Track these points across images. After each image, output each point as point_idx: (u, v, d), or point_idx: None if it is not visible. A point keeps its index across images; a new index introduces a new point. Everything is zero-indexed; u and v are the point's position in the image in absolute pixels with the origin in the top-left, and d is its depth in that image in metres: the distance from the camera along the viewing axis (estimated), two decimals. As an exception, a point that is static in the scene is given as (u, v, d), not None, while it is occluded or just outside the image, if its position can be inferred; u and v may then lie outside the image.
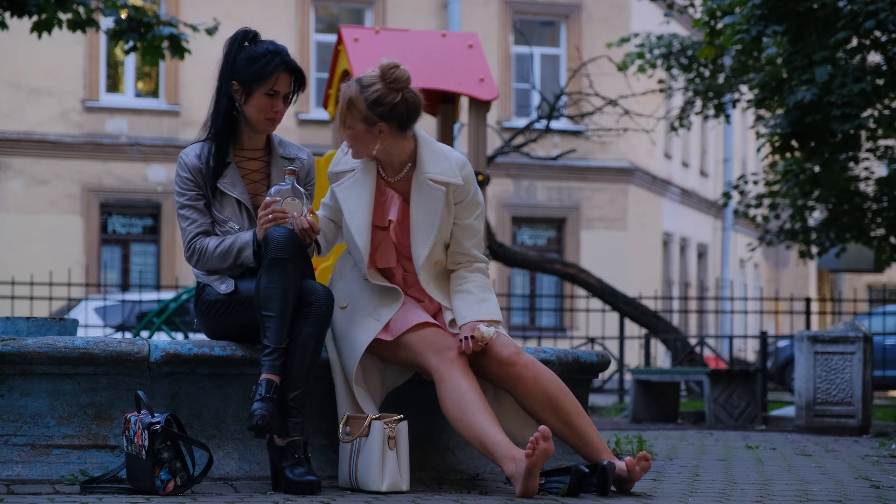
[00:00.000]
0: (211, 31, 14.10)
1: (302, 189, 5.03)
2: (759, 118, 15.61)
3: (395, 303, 5.08)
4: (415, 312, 5.08)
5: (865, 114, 13.87)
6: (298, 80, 5.13)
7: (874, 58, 15.55)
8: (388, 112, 5.03)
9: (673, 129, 18.98)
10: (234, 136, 5.18)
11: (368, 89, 5.04)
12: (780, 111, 14.38)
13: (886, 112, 14.21)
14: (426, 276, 5.13)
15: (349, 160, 5.14)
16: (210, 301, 5.12)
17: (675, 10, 18.34)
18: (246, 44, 5.13)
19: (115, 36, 13.74)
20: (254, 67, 5.07)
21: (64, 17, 13.37)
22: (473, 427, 4.85)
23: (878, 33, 12.92)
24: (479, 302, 5.11)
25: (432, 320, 5.08)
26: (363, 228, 5.08)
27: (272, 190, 5.00)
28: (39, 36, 13.12)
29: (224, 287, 5.08)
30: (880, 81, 13.23)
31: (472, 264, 5.21)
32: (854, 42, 13.07)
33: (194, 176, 5.11)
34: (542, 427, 4.68)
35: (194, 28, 13.99)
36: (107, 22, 15.91)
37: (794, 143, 13.69)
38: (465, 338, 4.98)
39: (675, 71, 18.77)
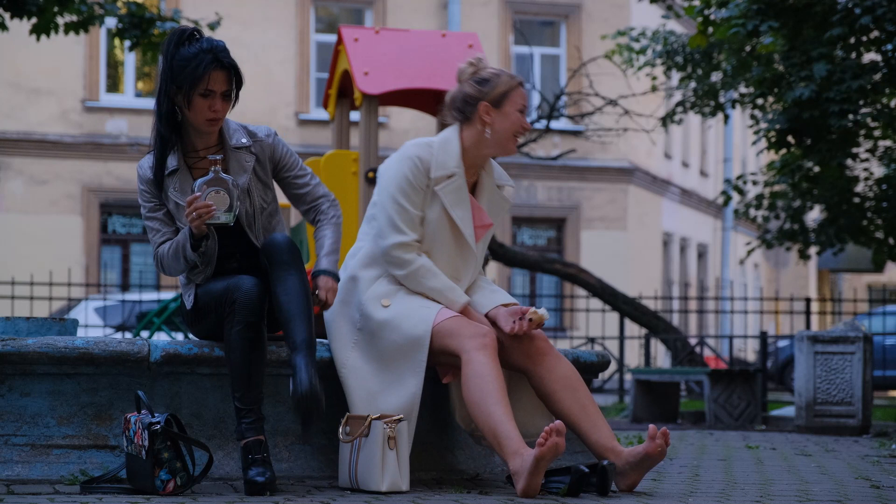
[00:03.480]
0: (213, 26, 14.10)
1: (228, 177, 4.91)
2: (753, 117, 15.57)
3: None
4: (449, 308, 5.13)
5: (864, 111, 13.87)
6: (235, 76, 5.00)
7: (873, 56, 15.55)
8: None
9: (663, 125, 18.91)
10: (182, 140, 5.07)
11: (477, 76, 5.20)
12: (777, 107, 14.37)
13: (885, 110, 14.21)
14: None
15: (448, 165, 5.10)
16: (187, 310, 5.15)
17: (673, 11, 18.32)
18: (183, 44, 4.99)
19: (117, 33, 13.74)
20: (187, 69, 4.94)
21: (62, 20, 13.37)
22: (491, 415, 4.85)
23: (876, 33, 12.90)
24: (492, 292, 5.23)
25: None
26: (471, 234, 5.16)
27: (195, 184, 4.90)
28: (38, 38, 13.12)
29: (189, 301, 5.08)
30: (877, 77, 13.22)
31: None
32: (851, 39, 13.06)
33: (149, 188, 5.05)
34: (557, 422, 4.69)
35: (196, 24, 14.00)
36: (108, 21, 15.89)
37: (790, 138, 13.68)
38: (520, 318, 5.03)
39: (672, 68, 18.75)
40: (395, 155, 5.15)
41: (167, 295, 17.16)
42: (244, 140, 5.09)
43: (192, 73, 4.92)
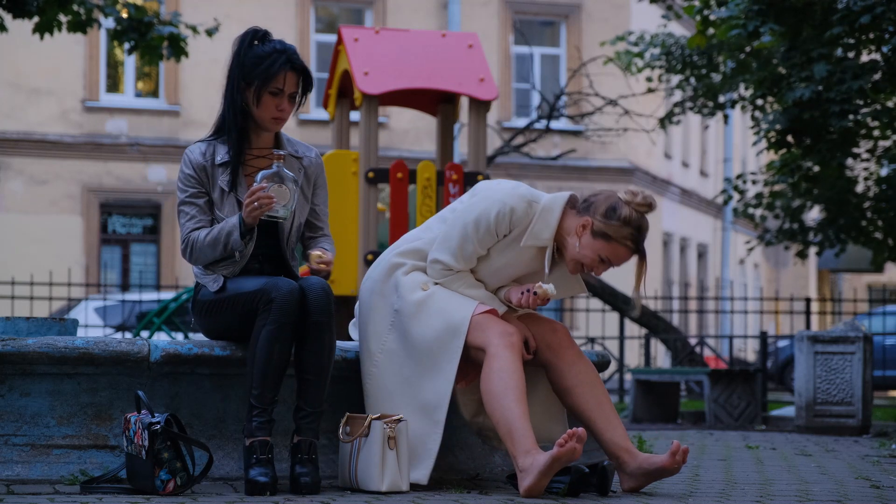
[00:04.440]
0: (211, 32, 14.07)
1: (290, 173, 5.00)
2: (754, 118, 15.56)
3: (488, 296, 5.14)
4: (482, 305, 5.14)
5: (864, 111, 13.87)
6: (305, 79, 5.11)
7: (873, 56, 15.55)
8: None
9: (662, 126, 18.90)
10: (243, 136, 5.16)
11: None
12: (777, 107, 14.36)
13: (886, 109, 14.21)
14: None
15: (542, 237, 5.03)
16: (204, 301, 5.13)
17: (673, 11, 18.31)
18: (256, 43, 5.11)
19: (115, 35, 13.75)
20: (260, 67, 5.05)
21: (64, 19, 13.37)
22: (510, 410, 4.85)
23: (874, 34, 12.90)
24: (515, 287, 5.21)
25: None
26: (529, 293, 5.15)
27: (258, 175, 4.97)
28: (42, 37, 13.12)
29: (214, 286, 5.07)
30: (877, 76, 13.22)
31: None
32: (851, 39, 13.07)
33: (197, 173, 5.09)
34: (580, 429, 4.69)
35: (194, 29, 13.97)
36: (107, 21, 15.91)
37: (790, 138, 13.68)
38: (527, 290, 5.03)
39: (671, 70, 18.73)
40: (502, 187, 5.06)
41: (167, 295, 17.15)
42: (297, 152, 5.21)
43: (266, 71, 5.03)
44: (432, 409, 5.00)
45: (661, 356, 24.26)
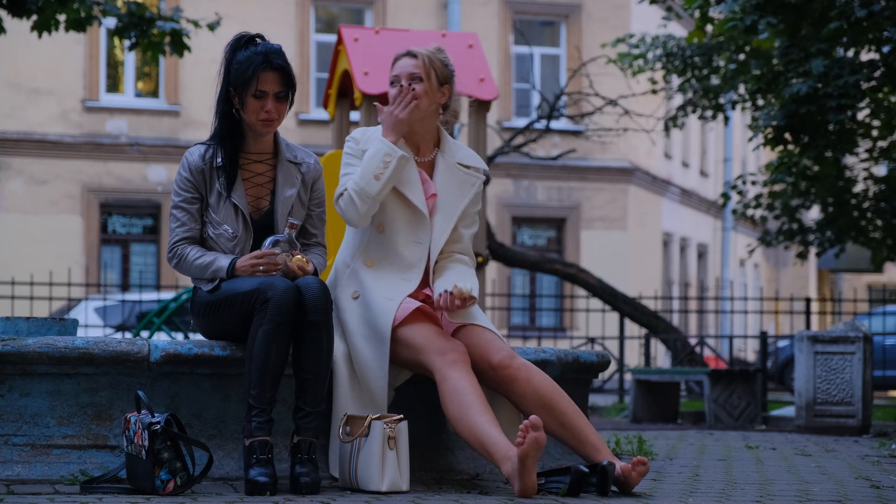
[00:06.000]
0: (213, 27, 14.06)
1: (298, 243, 5.09)
2: (754, 118, 15.56)
3: (411, 283, 5.14)
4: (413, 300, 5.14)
5: (861, 105, 13.87)
6: (286, 77, 5.10)
7: (872, 55, 15.57)
8: (452, 78, 5.27)
9: (665, 129, 18.91)
10: (239, 141, 5.17)
11: (443, 53, 5.27)
12: (775, 103, 14.37)
13: (885, 104, 14.20)
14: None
15: (379, 135, 5.18)
16: (201, 302, 5.15)
17: (673, 11, 18.31)
18: (242, 48, 5.13)
19: (116, 32, 13.74)
20: (239, 71, 5.08)
21: (62, 18, 13.36)
22: (475, 427, 4.86)
23: (872, 35, 12.91)
24: (456, 276, 5.18)
25: (431, 311, 5.12)
26: (423, 200, 5.19)
27: (267, 241, 5.06)
28: (40, 35, 13.12)
29: (209, 285, 5.11)
30: (875, 74, 13.23)
31: (454, 255, 5.30)
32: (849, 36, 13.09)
33: (194, 177, 5.11)
34: (532, 417, 4.69)
35: (196, 24, 13.96)
36: (107, 20, 15.90)
37: (787, 135, 13.68)
38: (444, 291, 5.03)
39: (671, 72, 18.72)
40: None
41: (167, 295, 17.15)
42: (296, 157, 5.23)
43: (243, 74, 5.07)
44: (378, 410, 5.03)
45: (661, 356, 24.26)
